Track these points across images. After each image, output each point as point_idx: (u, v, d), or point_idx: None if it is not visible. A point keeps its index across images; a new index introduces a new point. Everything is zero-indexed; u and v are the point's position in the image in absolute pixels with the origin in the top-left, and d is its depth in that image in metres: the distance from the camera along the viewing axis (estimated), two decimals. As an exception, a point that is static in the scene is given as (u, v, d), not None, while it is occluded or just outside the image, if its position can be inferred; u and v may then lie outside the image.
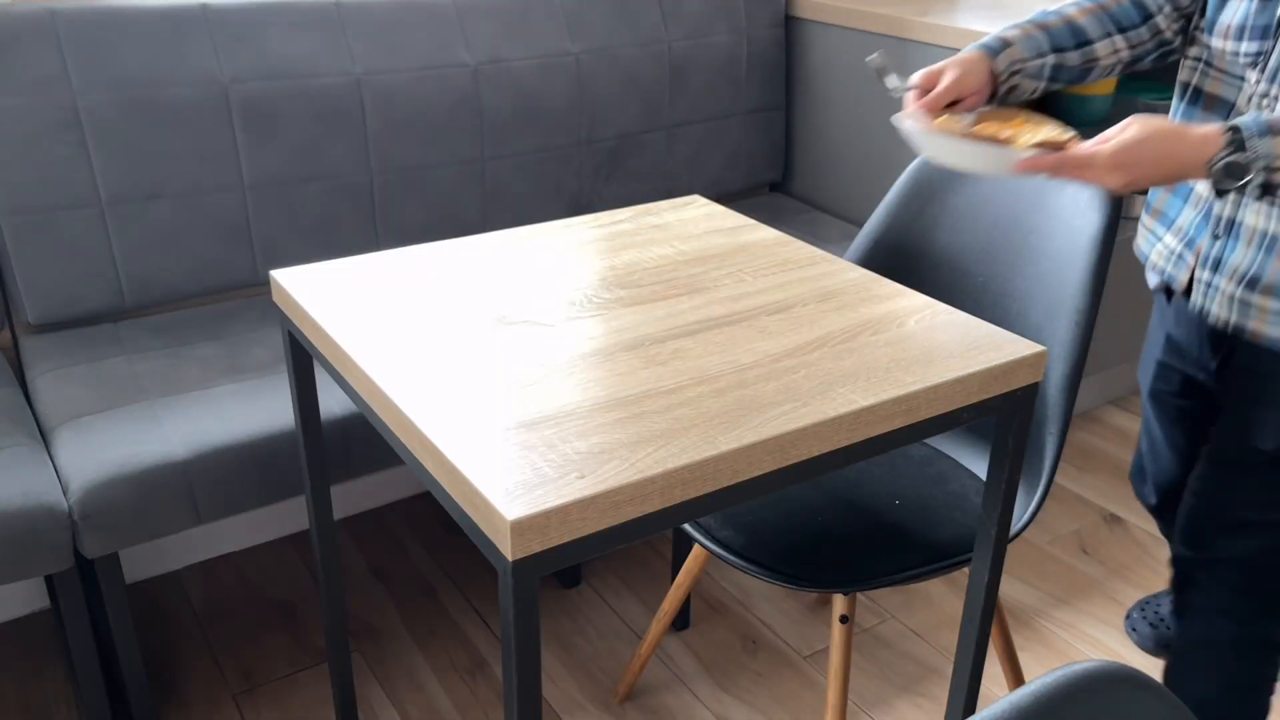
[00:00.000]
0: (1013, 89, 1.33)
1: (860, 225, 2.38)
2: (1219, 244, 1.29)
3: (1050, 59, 1.33)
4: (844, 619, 1.38)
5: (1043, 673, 0.95)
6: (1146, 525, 2.22)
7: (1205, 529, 1.41)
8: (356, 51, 1.90)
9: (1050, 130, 1.17)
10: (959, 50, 2.03)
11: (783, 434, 0.95)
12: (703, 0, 2.28)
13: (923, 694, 1.77)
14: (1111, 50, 1.37)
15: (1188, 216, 1.34)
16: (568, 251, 1.37)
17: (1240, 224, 1.27)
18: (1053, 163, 1.13)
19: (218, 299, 1.96)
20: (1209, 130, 1.10)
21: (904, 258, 1.57)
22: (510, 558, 0.84)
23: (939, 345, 1.12)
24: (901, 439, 1.05)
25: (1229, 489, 1.38)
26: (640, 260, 1.35)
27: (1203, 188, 1.32)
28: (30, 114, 1.64)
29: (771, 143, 2.48)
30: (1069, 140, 1.14)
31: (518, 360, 1.08)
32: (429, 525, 2.18)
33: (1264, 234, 1.24)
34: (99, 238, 1.73)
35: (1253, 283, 1.26)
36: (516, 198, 2.13)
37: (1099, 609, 1.98)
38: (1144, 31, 1.36)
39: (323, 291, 1.24)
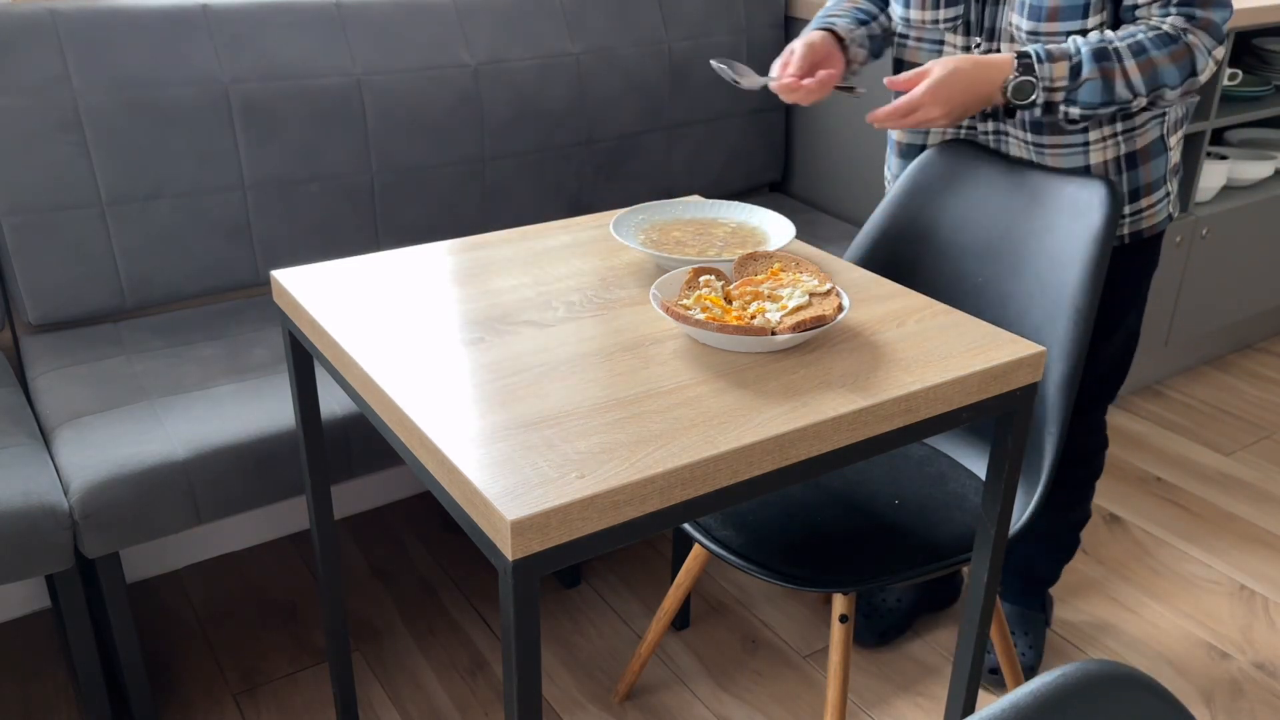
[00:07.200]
0: (853, 59, 1.53)
1: (860, 225, 2.38)
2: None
3: (864, 30, 1.53)
4: (844, 619, 1.38)
5: (1043, 673, 0.95)
6: (1146, 525, 2.22)
7: None
8: (356, 51, 1.90)
9: (808, 281, 1.18)
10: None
11: (782, 434, 0.96)
12: (703, 0, 2.28)
13: (923, 694, 1.77)
14: (888, 21, 1.57)
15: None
16: (568, 251, 1.37)
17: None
18: (888, 114, 1.31)
19: (218, 299, 1.96)
20: (1002, 57, 1.30)
21: (904, 258, 1.57)
22: (510, 557, 0.84)
23: (939, 345, 1.12)
24: (901, 439, 1.05)
25: None
26: (640, 260, 1.35)
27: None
28: (30, 114, 1.64)
29: (771, 143, 2.48)
30: (829, 291, 1.16)
31: (518, 360, 1.08)
32: (429, 525, 2.18)
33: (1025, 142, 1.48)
34: (99, 238, 1.73)
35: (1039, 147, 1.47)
36: (516, 198, 2.13)
37: (1099, 609, 1.98)
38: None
39: (323, 291, 1.24)
